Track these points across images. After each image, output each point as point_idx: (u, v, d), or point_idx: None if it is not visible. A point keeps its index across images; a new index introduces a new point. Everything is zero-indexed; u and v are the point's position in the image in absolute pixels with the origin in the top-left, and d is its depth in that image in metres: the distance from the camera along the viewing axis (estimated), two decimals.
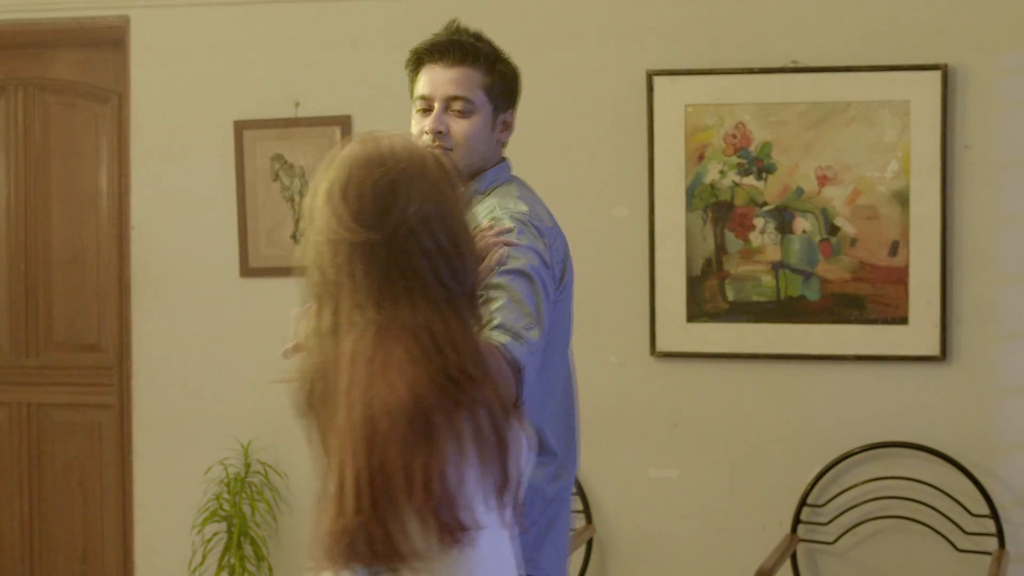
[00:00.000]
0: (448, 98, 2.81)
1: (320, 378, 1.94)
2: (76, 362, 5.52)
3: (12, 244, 5.55)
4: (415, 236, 1.95)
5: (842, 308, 4.73)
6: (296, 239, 5.17)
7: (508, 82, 2.88)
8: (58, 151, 5.51)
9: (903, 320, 4.69)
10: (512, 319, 2.44)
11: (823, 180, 4.73)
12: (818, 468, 4.77)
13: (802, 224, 4.75)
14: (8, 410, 5.60)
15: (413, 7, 4.99)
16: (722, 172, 4.80)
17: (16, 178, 5.54)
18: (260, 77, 5.18)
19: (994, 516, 4.61)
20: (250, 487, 5.13)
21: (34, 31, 5.44)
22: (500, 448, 1.95)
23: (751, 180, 4.78)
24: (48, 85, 5.52)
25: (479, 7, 4.74)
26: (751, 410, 4.83)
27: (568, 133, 4.95)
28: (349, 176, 1.98)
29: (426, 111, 2.83)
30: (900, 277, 4.68)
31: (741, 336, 4.81)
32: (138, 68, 5.30)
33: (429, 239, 1.96)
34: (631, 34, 4.89)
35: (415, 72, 2.87)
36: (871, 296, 4.71)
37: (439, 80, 2.81)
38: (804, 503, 4.77)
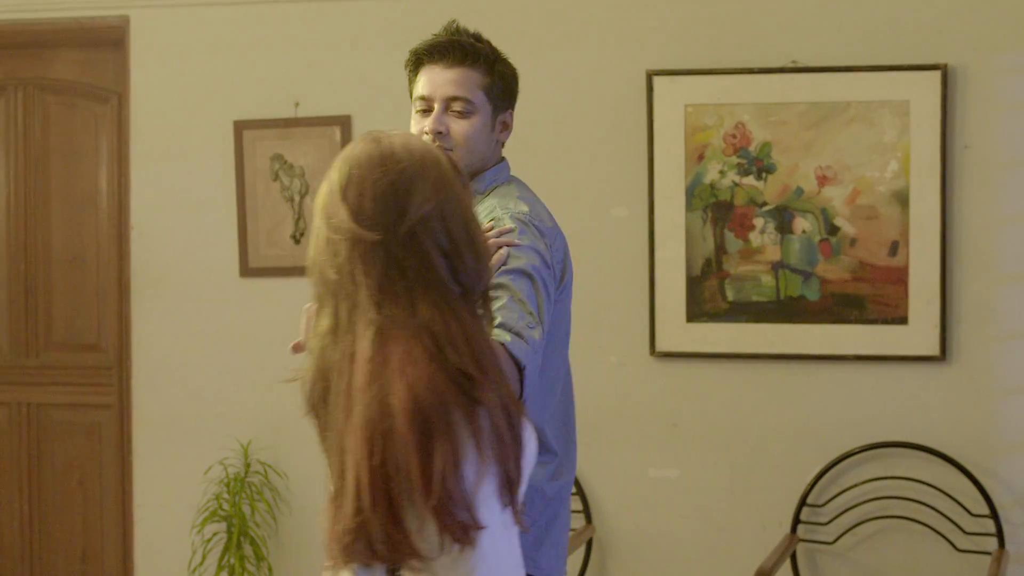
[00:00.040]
0: (448, 99, 2.81)
1: (330, 376, 1.94)
2: (76, 362, 5.52)
3: (12, 244, 5.55)
4: (415, 236, 1.95)
5: (842, 308, 4.73)
6: (296, 239, 5.17)
7: (507, 82, 2.88)
8: (58, 151, 5.51)
9: (903, 320, 4.69)
10: (514, 318, 2.45)
11: (823, 180, 4.73)
12: (818, 468, 4.77)
13: (802, 224, 4.75)
14: (8, 410, 5.60)
15: (413, 7, 4.99)
16: (722, 172, 4.80)
17: (16, 178, 5.54)
18: (260, 77, 5.19)
19: (994, 516, 4.61)
20: (250, 487, 5.13)
21: (34, 31, 5.44)
22: (515, 446, 1.96)
23: (751, 180, 4.78)
24: (48, 85, 5.52)
25: (479, 7, 4.75)
26: (751, 410, 4.83)
27: (568, 133, 4.95)
28: (349, 176, 1.98)
29: (426, 112, 2.84)
30: (900, 277, 4.68)
31: (741, 336, 4.81)
32: (138, 68, 5.30)
33: (440, 237, 1.96)
34: (631, 34, 4.89)
35: (414, 73, 2.87)
36: (871, 296, 4.71)
37: (439, 81, 2.81)
38: (804, 503, 4.77)
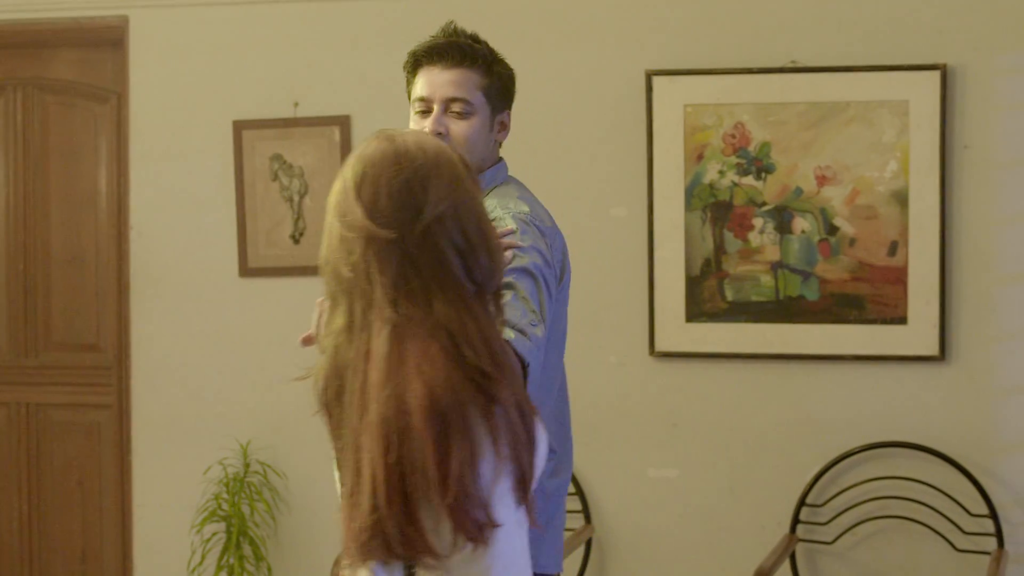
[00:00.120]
0: (447, 99, 2.82)
1: (344, 375, 1.94)
2: (75, 362, 5.52)
3: (11, 244, 5.55)
4: (430, 234, 1.95)
5: (841, 308, 4.73)
6: (295, 239, 5.17)
7: (505, 83, 2.90)
8: (57, 151, 5.51)
9: (902, 320, 4.69)
10: (518, 316, 2.47)
11: (822, 180, 4.73)
12: (817, 468, 4.77)
13: (801, 224, 4.75)
14: (7, 410, 5.59)
15: (413, 7, 4.99)
16: (721, 172, 4.80)
17: (15, 178, 5.54)
18: (259, 77, 5.18)
19: (993, 516, 4.62)
20: (249, 487, 5.13)
21: (33, 31, 5.44)
22: (529, 444, 1.96)
23: (750, 180, 4.78)
24: (47, 85, 5.52)
25: (479, 7, 4.75)
26: (750, 410, 4.83)
27: (567, 133, 4.95)
28: (364, 174, 1.98)
29: (425, 112, 2.85)
30: (899, 277, 4.68)
31: (740, 336, 4.81)
32: (137, 68, 5.30)
33: (455, 235, 1.96)
34: (630, 34, 4.89)
35: (413, 74, 2.88)
36: (870, 296, 4.71)
37: (438, 82, 2.82)
38: (803, 503, 4.77)
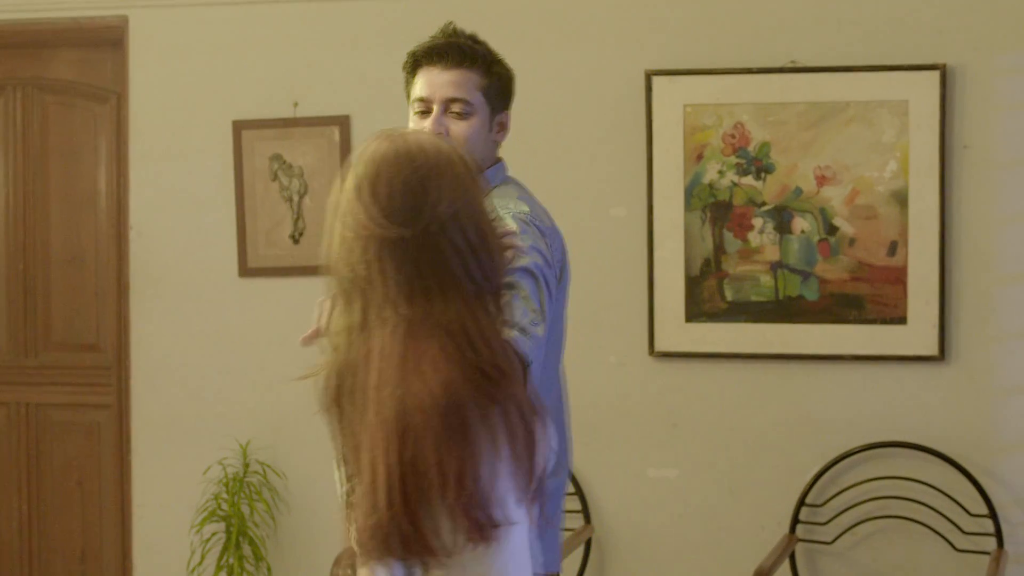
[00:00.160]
0: (447, 100, 2.83)
1: (347, 374, 1.95)
2: (75, 362, 5.52)
3: (11, 244, 5.55)
4: (445, 232, 1.96)
5: (841, 308, 4.73)
6: (295, 239, 5.17)
7: (504, 83, 2.91)
8: (57, 151, 5.51)
9: (902, 320, 4.69)
10: (519, 315, 2.49)
11: (822, 180, 4.73)
12: (817, 468, 4.77)
13: (801, 224, 4.75)
14: (7, 410, 5.59)
15: (413, 7, 4.99)
16: (721, 172, 4.80)
17: (15, 178, 5.54)
18: (259, 77, 5.18)
19: (992, 516, 4.62)
20: (249, 487, 5.13)
21: (33, 31, 5.43)
22: (529, 444, 1.96)
23: (750, 180, 4.78)
24: (47, 85, 5.52)
25: (478, 7, 4.75)
26: (750, 410, 4.83)
27: (567, 133, 4.95)
28: (378, 173, 1.98)
29: (424, 113, 2.85)
30: (899, 277, 4.68)
31: (740, 336, 4.81)
32: (137, 68, 5.30)
33: (459, 235, 1.97)
34: (630, 34, 4.89)
35: (412, 75, 2.89)
36: (870, 296, 4.71)
37: (438, 82, 2.83)
38: (803, 503, 4.77)
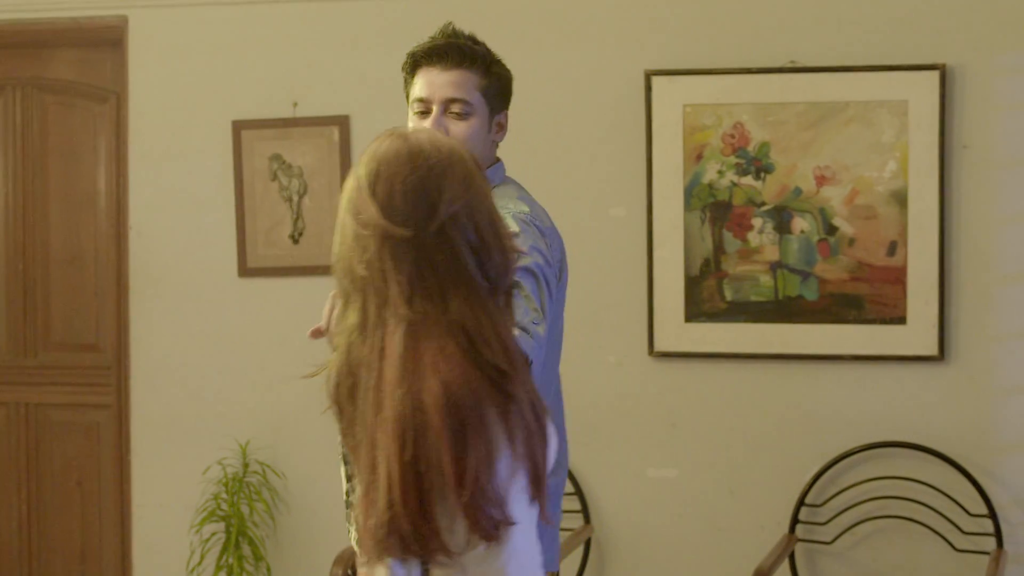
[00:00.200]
0: (447, 100, 2.83)
1: (350, 373, 1.95)
2: (74, 362, 5.52)
3: (10, 244, 5.55)
4: (446, 232, 1.96)
5: (840, 308, 4.73)
6: (294, 239, 5.17)
7: (503, 84, 2.92)
8: (56, 151, 5.51)
9: (901, 320, 4.69)
10: (520, 314, 2.49)
11: (821, 180, 4.73)
12: (816, 468, 4.77)
13: (800, 224, 4.75)
14: (6, 410, 5.59)
15: (413, 7, 4.99)
16: (720, 172, 4.80)
17: (14, 178, 5.54)
18: (259, 77, 5.18)
19: (992, 516, 4.62)
20: (248, 487, 5.13)
21: (32, 31, 5.44)
22: (540, 441, 1.97)
23: (749, 180, 4.78)
24: (46, 85, 5.52)
25: (478, 7, 4.75)
26: (749, 410, 4.83)
27: (567, 133, 4.95)
28: (379, 172, 1.98)
29: (424, 113, 2.86)
30: (898, 277, 4.68)
31: (739, 336, 4.81)
32: (136, 68, 5.30)
33: (459, 234, 1.97)
34: (629, 34, 4.89)
35: (411, 75, 2.90)
36: (869, 296, 4.71)
37: (437, 83, 2.83)
38: (802, 503, 4.77)
